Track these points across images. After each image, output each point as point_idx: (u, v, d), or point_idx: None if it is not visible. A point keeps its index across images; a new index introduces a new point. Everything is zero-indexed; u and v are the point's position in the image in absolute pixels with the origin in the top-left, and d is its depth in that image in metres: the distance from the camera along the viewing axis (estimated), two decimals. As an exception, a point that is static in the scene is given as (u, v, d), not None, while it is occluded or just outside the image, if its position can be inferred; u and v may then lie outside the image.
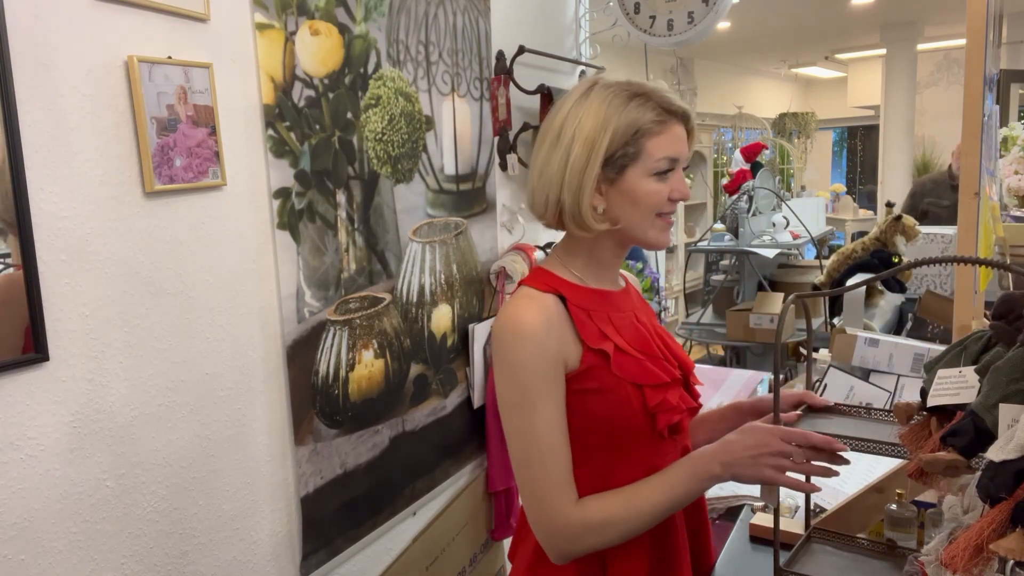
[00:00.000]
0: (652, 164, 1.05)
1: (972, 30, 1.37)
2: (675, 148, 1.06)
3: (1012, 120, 4.46)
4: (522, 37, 2.09)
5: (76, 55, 1.07)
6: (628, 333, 1.10)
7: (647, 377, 1.07)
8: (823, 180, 10.61)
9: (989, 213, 1.66)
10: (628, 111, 1.04)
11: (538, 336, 1.02)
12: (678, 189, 1.07)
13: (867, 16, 7.11)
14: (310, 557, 1.51)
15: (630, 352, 1.08)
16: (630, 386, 1.06)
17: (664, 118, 1.06)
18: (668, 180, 1.07)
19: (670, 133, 1.06)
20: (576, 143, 1.05)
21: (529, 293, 1.07)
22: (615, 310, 1.11)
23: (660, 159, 1.05)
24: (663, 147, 1.05)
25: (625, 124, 1.04)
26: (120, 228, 1.14)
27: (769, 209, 3.55)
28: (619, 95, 1.05)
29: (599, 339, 1.06)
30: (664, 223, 1.09)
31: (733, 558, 1.33)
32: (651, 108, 1.05)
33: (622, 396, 1.05)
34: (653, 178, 1.06)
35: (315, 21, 1.44)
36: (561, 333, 1.04)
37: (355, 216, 1.57)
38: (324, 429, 1.51)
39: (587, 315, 1.07)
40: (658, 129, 1.05)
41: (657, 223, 1.08)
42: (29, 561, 1.05)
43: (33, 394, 1.05)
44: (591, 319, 1.07)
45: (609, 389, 1.05)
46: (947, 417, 0.92)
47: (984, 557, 0.70)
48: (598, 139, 1.04)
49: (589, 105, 1.06)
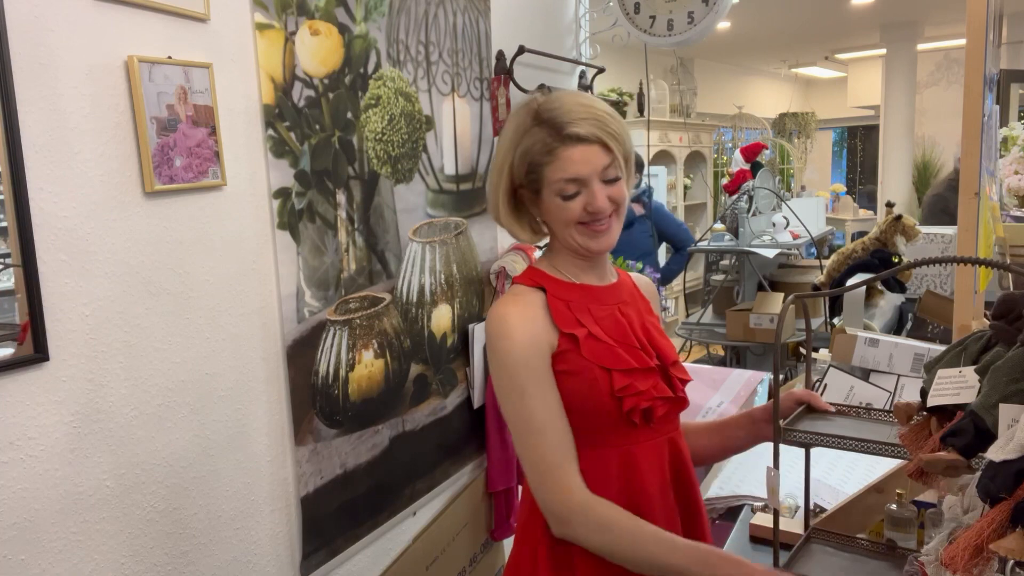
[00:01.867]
0: (555, 188, 1.11)
1: (972, 30, 1.37)
2: (572, 170, 1.09)
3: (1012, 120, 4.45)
4: (522, 37, 2.09)
5: (76, 55, 1.07)
6: (606, 323, 1.15)
7: (615, 361, 1.12)
8: (823, 180, 10.61)
9: (989, 213, 1.66)
10: (523, 142, 1.12)
11: (519, 327, 1.10)
12: (591, 203, 1.10)
13: (867, 16, 7.12)
14: (310, 557, 1.51)
15: (601, 338, 1.13)
16: (598, 369, 1.11)
17: (554, 145, 1.09)
18: (578, 198, 1.11)
19: (562, 158, 1.09)
20: (493, 168, 1.18)
21: (516, 290, 1.17)
22: (595, 301, 1.17)
23: (559, 182, 1.10)
24: (558, 172, 1.10)
25: (520, 156, 1.12)
26: (120, 228, 1.14)
27: (769, 209, 3.55)
28: (521, 124, 1.13)
29: (573, 325, 1.13)
30: (589, 230, 1.13)
31: (733, 558, 1.32)
32: (539, 140, 1.10)
33: (591, 378, 1.11)
34: (563, 200, 1.11)
35: (315, 21, 1.44)
36: (541, 322, 1.12)
37: (355, 216, 1.57)
38: (324, 429, 1.51)
39: (565, 305, 1.14)
40: (548, 159, 1.10)
41: (582, 232, 1.13)
42: (29, 561, 1.05)
43: (33, 394, 1.05)
44: (569, 309, 1.14)
45: (579, 371, 1.11)
46: (947, 417, 0.92)
47: (984, 557, 0.69)
48: (503, 169, 1.15)
49: (505, 130, 1.16)
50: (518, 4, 2.14)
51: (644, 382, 1.13)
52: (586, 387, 1.11)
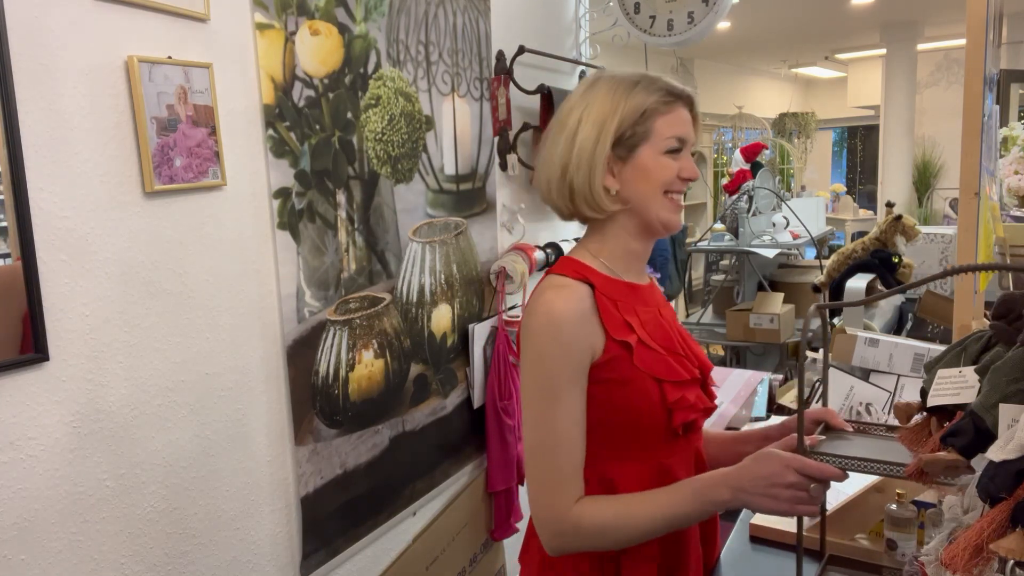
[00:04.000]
0: (662, 142, 1.08)
1: (972, 30, 1.37)
2: (682, 129, 1.09)
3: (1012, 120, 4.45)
4: (522, 37, 2.09)
5: (76, 55, 1.07)
6: (652, 327, 1.11)
7: (668, 372, 1.08)
8: (823, 180, 10.61)
9: (989, 213, 1.66)
10: (634, 94, 1.08)
11: (570, 326, 1.03)
12: (687, 168, 1.10)
13: (867, 16, 7.12)
14: (310, 557, 1.51)
15: (652, 346, 1.08)
16: (650, 380, 1.06)
17: (670, 99, 1.09)
18: (678, 159, 1.10)
19: (677, 114, 1.09)
20: (584, 126, 1.08)
21: (561, 282, 1.07)
22: (641, 303, 1.12)
23: (669, 137, 1.08)
24: (671, 126, 1.09)
25: (632, 106, 1.08)
26: (120, 228, 1.14)
27: (769, 209, 3.55)
28: (624, 82, 1.10)
29: (623, 330, 1.07)
30: (672, 204, 1.10)
31: (733, 558, 1.32)
32: (656, 90, 1.09)
33: (642, 389, 1.06)
34: (665, 155, 1.09)
35: (315, 21, 1.44)
36: (590, 322, 1.05)
37: (355, 216, 1.57)
38: (324, 429, 1.51)
39: (614, 305, 1.08)
40: (664, 109, 1.09)
41: (666, 203, 1.10)
42: (29, 561, 1.05)
43: (33, 394, 1.05)
44: (617, 309, 1.08)
45: (630, 381, 1.06)
46: (947, 417, 0.92)
47: (984, 557, 0.69)
48: (607, 121, 1.07)
49: (596, 92, 1.10)
50: (518, 4, 2.14)
51: (692, 393, 1.10)
52: (636, 398, 1.06)
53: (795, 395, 2.19)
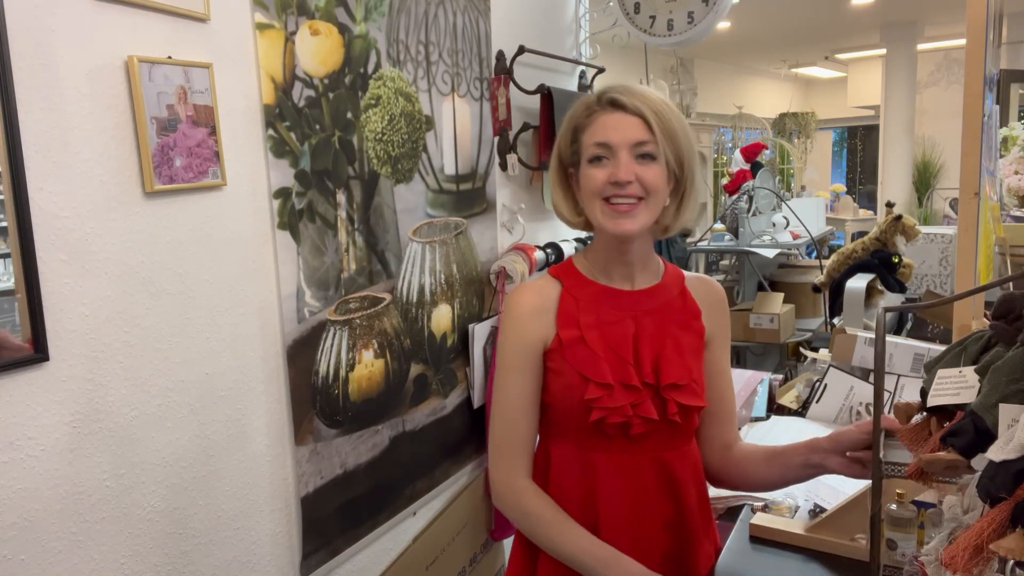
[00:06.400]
0: (588, 153, 1.15)
1: (972, 30, 1.37)
2: (602, 135, 1.13)
3: (1012, 120, 4.45)
4: (522, 37, 2.09)
5: (76, 55, 1.07)
6: (609, 328, 1.17)
7: (594, 372, 1.13)
8: (823, 180, 10.61)
9: (989, 213, 1.66)
10: (570, 118, 1.18)
11: (524, 317, 1.18)
12: (613, 173, 1.12)
13: (867, 16, 7.12)
14: (310, 557, 1.51)
15: (590, 344, 1.15)
16: (576, 375, 1.14)
17: (590, 111, 1.15)
18: (606, 165, 1.13)
19: (598, 123, 1.14)
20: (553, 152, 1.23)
21: (540, 279, 1.23)
22: (609, 305, 1.19)
23: (590, 146, 1.14)
24: (592, 136, 1.14)
25: (566, 129, 1.19)
26: (120, 228, 1.14)
27: (769, 209, 3.55)
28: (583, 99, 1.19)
29: (569, 325, 1.17)
30: (611, 209, 1.13)
31: (733, 558, 1.32)
32: (583, 107, 1.17)
33: (569, 383, 1.15)
34: (590, 165, 1.14)
35: (315, 21, 1.44)
36: (547, 315, 1.18)
37: (355, 216, 1.57)
38: (324, 429, 1.51)
39: (575, 303, 1.18)
40: (587, 122, 1.15)
41: (604, 208, 1.14)
42: (29, 561, 1.05)
43: (33, 394, 1.05)
44: (576, 308, 1.17)
45: (561, 372, 1.16)
46: (947, 417, 0.92)
47: (984, 557, 0.69)
48: (559, 146, 1.21)
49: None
50: (518, 4, 2.14)
51: (621, 397, 1.13)
52: (564, 389, 1.16)
53: (794, 395, 2.18)
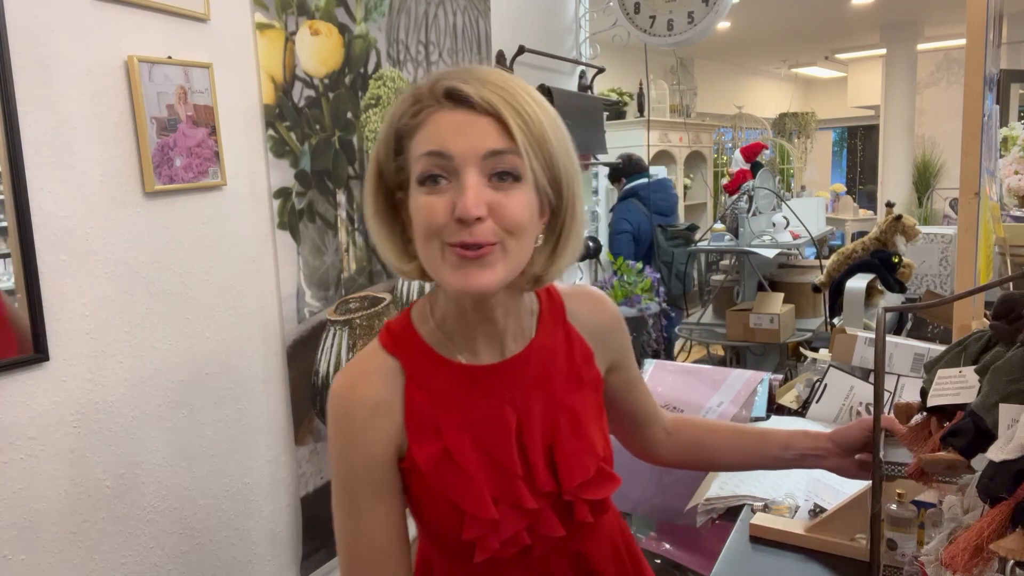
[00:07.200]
0: (417, 168, 0.72)
1: (972, 30, 1.37)
2: (435, 140, 0.70)
3: (1012, 120, 4.46)
4: (522, 37, 2.09)
5: (76, 55, 1.07)
6: (480, 428, 0.80)
7: (469, 502, 0.78)
8: (823, 180, 10.61)
9: (989, 213, 1.66)
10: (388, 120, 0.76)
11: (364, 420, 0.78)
12: (456, 202, 0.69)
13: (867, 16, 7.12)
14: (310, 557, 1.51)
15: (459, 461, 0.79)
16: (447, 503, 0.79)
17: (422, 105, 0.72)
18: (444, 190, 0.70)
19: (430, 124, 0.71)
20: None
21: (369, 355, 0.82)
22: (473, 394, 0.80)
23: (419, 158, 0.71)
24: (420, 145, 0.71)
25: (384, 136, 0.76)
26: (120, 228, 1.14)
27: (769, 209, 3.55)
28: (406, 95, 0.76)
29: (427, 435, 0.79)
30: (456, 256, 0.70)
31: (733, 558, 1.32)
32: (412, 97, 0.74)
33: (440, 513, 0.80)
34: (421, 188, 0.71)
35: (315, 21, 1.44)
36: (393, 418, 0.79)
37: (355, 216, 1.57)
38: (324, 429, 1.51)
39: (427, 398, 0.80)
40: (413, 124, 0.73)
41: (446, 255, 0.71)
42: (29, 561, 1.05)
43: (33, 394, 1.05)
44: (431, 405, 0.79)
45: (426, 499, 0.80)
46: (947, 417, 0.91)
47: (984, 557, 0.69)
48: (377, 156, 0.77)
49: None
50: (518, 4, 2.14)
51: (512, 525, 0.79)
52: (434, 521, 0.81)
53: (794, 395, 2.19)
